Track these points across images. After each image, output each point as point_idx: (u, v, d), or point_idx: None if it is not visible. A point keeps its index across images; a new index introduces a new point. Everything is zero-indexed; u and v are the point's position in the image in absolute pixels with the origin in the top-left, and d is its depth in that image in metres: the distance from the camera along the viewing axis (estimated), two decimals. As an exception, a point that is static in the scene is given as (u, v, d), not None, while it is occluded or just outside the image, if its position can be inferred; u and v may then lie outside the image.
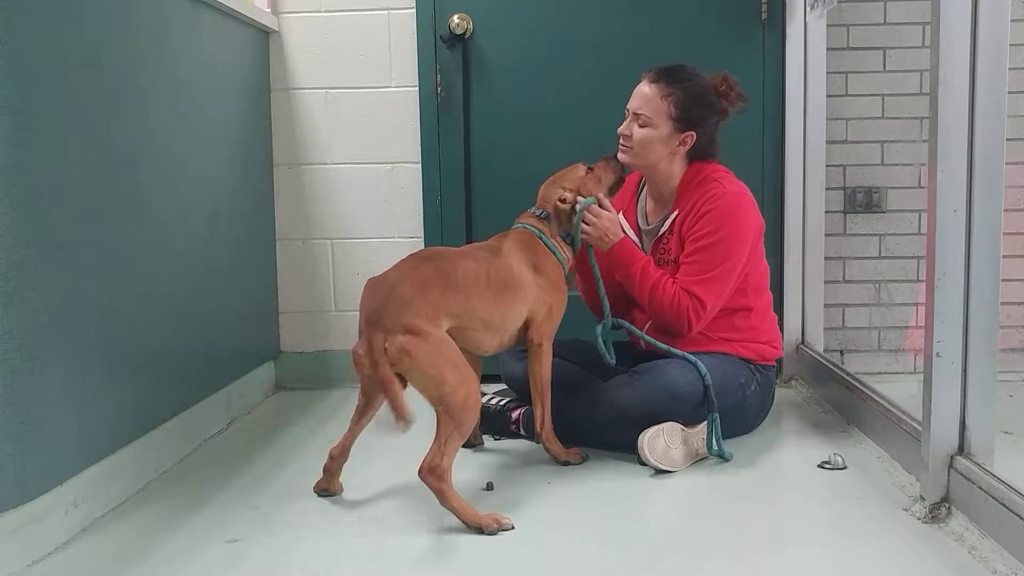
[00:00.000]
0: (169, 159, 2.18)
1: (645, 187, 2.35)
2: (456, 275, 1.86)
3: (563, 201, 2.13)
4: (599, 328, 2.17)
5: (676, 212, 2.20)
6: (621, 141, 2.21)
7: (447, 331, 1.82)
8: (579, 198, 2.13)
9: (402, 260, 1.90)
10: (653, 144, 2.16)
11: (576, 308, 2.23)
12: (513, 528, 1.70)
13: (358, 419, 1.91)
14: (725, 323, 2.20)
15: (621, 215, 2.33)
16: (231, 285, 2.59)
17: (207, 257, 2.40)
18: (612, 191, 2.25)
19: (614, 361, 2.16)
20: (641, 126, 2.15)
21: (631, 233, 2.30)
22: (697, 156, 2.21)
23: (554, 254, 2.09)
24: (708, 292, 2.11)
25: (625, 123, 2.20)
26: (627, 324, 2.21)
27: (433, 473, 1.68)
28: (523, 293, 1.98)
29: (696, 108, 2.15)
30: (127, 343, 1.95)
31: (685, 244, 2.17)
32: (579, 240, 2.15)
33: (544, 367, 2.04)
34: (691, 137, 2.17)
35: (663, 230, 2.23)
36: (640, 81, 2.19)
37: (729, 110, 2.21)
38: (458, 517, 1.70)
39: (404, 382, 1.77)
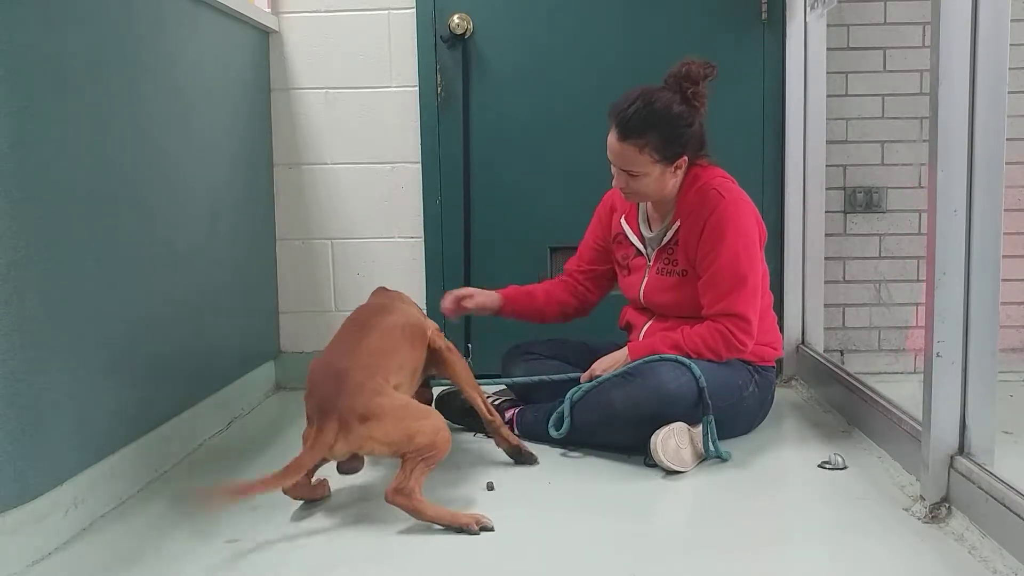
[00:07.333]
0: (169, 159, 2.18)
1: None
2: (395, 334, 1.88)
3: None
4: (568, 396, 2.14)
5: (678, 222, 2.20)
6: (622, 191, 2.20)
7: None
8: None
9: (342, 331, 1.90)
10: (651, 186, 2.16)
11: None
12: (493, 529, 1.68)
13: (307, 479, 1.83)
14: None
15: (624, 220, 2.33)
16: (231, 285, 2.58)
17: (207, 257, 2.40)
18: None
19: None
20: (633, 176, 2.14)
21: (633, 238, 2.30)
22: (692, 160, 2.19)
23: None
24: (744, 304, 2.11)
25: (616, 176, 2.17)
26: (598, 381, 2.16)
27: (401, 493, 1.67)
28: (426, 334, 2.01)
29: (675, 140, 2.11)
30: (127, 343, 1.95)
31: (698, 263, 2.16)
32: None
33: (462, 361, 2.07)
34: (683, 160, 2.15)
35: (667, 239, 2.23)
36: (609, 131, 2.12)
37: (704, 105, 2.14)
38: (440, 524, 1.69)
39: (360, 460, 1.79)
